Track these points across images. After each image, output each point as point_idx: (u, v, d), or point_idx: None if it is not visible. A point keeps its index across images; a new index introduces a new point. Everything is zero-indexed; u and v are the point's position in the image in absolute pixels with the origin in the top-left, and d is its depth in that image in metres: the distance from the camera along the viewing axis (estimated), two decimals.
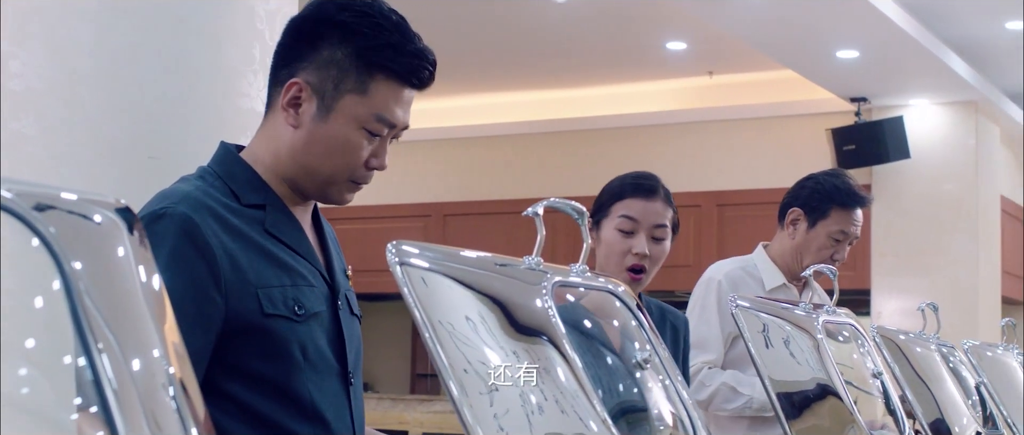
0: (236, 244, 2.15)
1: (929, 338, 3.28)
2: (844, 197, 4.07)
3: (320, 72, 2.20)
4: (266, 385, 2.15)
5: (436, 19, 8.69)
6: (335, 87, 2.19)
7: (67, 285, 1.02)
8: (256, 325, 2.14)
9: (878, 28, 8.19)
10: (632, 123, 10.88)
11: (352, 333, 2.32)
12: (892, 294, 9.95)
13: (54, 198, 1.07)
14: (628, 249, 3.23)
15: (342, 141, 2.20)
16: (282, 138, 2.25)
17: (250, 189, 2.24)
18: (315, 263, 2.28)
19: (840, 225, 4.04)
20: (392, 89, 2.20)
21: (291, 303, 2.17)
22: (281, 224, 2.24)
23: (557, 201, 1.64)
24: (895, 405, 2.69)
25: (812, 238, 4.06)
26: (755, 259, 4.14)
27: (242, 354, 2.14)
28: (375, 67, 2.18)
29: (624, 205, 3.27)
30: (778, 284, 4.05)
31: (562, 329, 1.56)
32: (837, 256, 4.04)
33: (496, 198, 11.26)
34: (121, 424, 0.99)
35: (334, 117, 2.20)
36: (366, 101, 2.19)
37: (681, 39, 9.47)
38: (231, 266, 2.12)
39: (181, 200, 2.14)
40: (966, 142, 9.97)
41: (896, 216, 10.05)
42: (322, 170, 2.23)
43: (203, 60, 3.05)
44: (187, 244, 2.09)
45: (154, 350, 1.09)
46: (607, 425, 1.52)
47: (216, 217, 2.15)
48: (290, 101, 2.22)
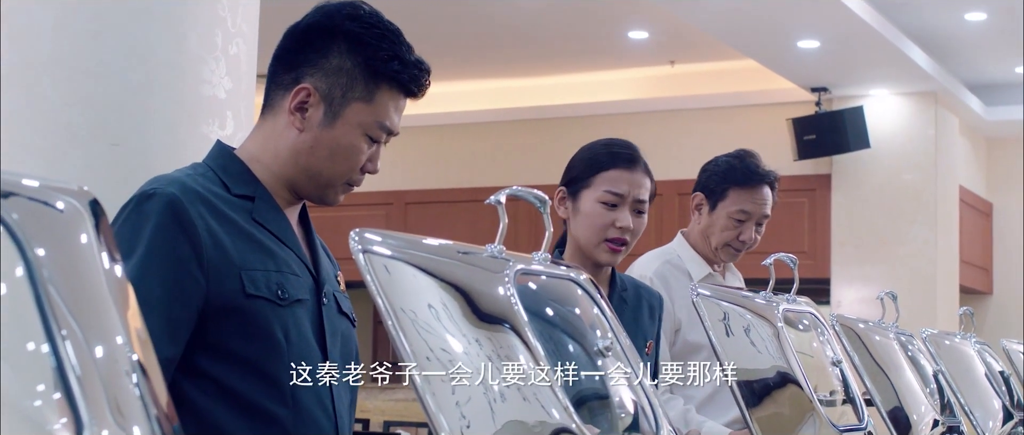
0: (222, 228, 2.21)
1: (888, 327, 3.30)
2: (740, 176, 3.99)
3: (329, 79, 2.29)
4: (246, 366, 2.19)
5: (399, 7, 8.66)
6: (343, 94, 2.28)
7: (30, 272, 1.02)
8: (237, 305, 2.19)
9: (839, 18, 8.23)
10: (595, 112, 10.89)
11: (336, 329, 2.35)
12: (852, 283, 10.01)
13: (16, 185, 1.07)
14: (611, 222, 3.14)
15: (347, 146, 2.30)
16: (284, 140, 2.32)
17: (241, 182, 2.31)
18: (300, 255, 2.33)
19: (739, 204, 3.96)
20: (394, 98, 2.32)
21: (274, 287, 2.23)
22: (268, 215, 2.30)
23: (520, 190, 1.65)
24: (854, 393, 2.71)
25: (715, 221, 3.99)
26: (677, 250, 4.08)
27: (223, 334, 2.19)
28: (382, 77, 2.29)
29: (609, 178, 3.19)
30: (704, 274, 4.01)
31: (524, 317, 1.56)
32: (743, 237, 3.95)
33: (458, 186, 11.27)
34: (84, 410, 0.99)
35: (341, 123, 2.29)
36: (371, 109, 2.29)
37: (643, 28, 9.49)
38: (214, 246, 2.18)
39: (170, 183, 2.21)
40: (926, 132, 10.03)
41: (856, 205, 10.10)
42: (324, 173, 2.31)
43: (165, 47, 3.04)
44: (172, 222, 2.15)
45: (117, 337, 1.09)
46: (569, 412, 1.53)
47: (204, 201, 2.21)
48: (297, 105, 2.30)
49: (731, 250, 3.99)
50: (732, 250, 3.99)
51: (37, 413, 0.98)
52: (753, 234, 3.98)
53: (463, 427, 1.41)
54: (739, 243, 3.97)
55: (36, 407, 0.98)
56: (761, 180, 4.00)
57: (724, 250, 3.99)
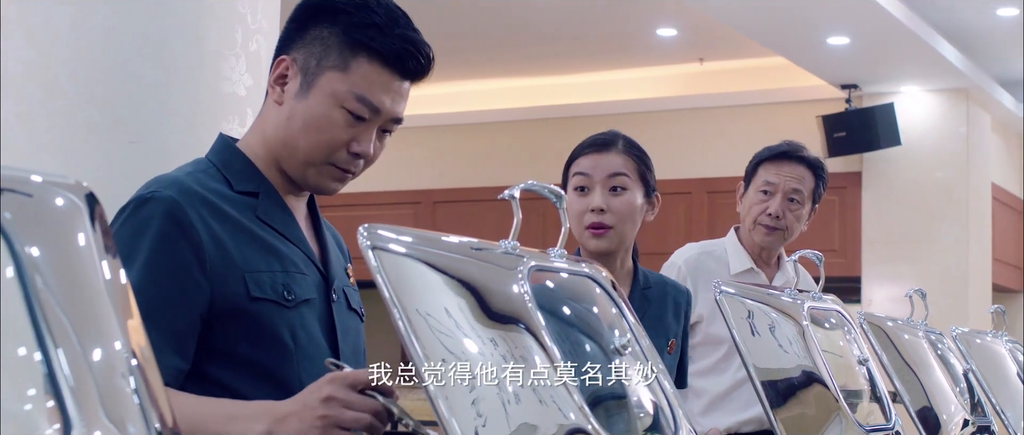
0: (224, 229, 2.14)
1: (917, 325, 3.26)
2: (765, 153, 4.02)
3: (306, 49, 2.20)
4: (254, 369, 2.14)
5: (426, 5, 8.65)
6: (318, 63, 2.18)
7: (21, 272, 0.98)
8: (242, 309, 2.12)
9: (869, 14, 8.17)
10: (623, 110, 10.84)
11: (347, 327, 2.29)
12: (883, 281, 9.94)
13: (13, 181, 1.04)
14: (586, 207, 3.06)
15: (318, 116, 2.17)
16: (268, 119, 2.25)
17: (244, 177, 2.23)
18: (307, 251, 2.26)
19: (765, 177, 3.97)
20: (376, 71, 2.18)
21: (280, 288, 2.16)
22: (273, 211, 2.23)
23: (534, 184, 1.61)
24: (881, 392, 2.66)
25: (747, 201, 4.01)
26: (725, 242, 4.08)
27: (229, 338, 2.13)
28: (358, 45, 2.17)
29: (577, 165, 3.13)
30: (745, 268, 3.98)
31: (539, 315, 1.53)
32: (771, 210, 3.93)
33: (486, 185, 11.23)
34: (76, 416, 0.95)
35: (313, 93, 2.18)
36: (346, 78, 2.17)
37: (672, 26, 9.44)
38: (217, 250, 2.11)
39: (169, 185, 2.13)
40: (957, 129, 9.96)
41: (887, 203, 10.03)
42: (299, 146, 2.20)
43: (184, 44, 3.02)
44: (171, 227, 2.08)
45: (114, 339, 1.06)
46: (584, 413, 1.49)
47: (205, 203, 2.14)
48: (277, 78, 2.22)
49: (762, 229, 3.96)
50: (763, 229, 3.96)
51: (27, 417, 0.95)
52: (781, 208, 3.94)
53: (478, 428, 1.38)
54: (768, 218, 3.93)
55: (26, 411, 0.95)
56: (787, 154, 3.99)
57: (756, 230, 3.96)
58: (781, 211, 3.93)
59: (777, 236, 3.97)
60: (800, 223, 3.99)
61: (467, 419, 1.37)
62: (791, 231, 3.98)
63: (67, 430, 0.95)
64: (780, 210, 3.93)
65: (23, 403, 0.95)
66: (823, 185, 4.05)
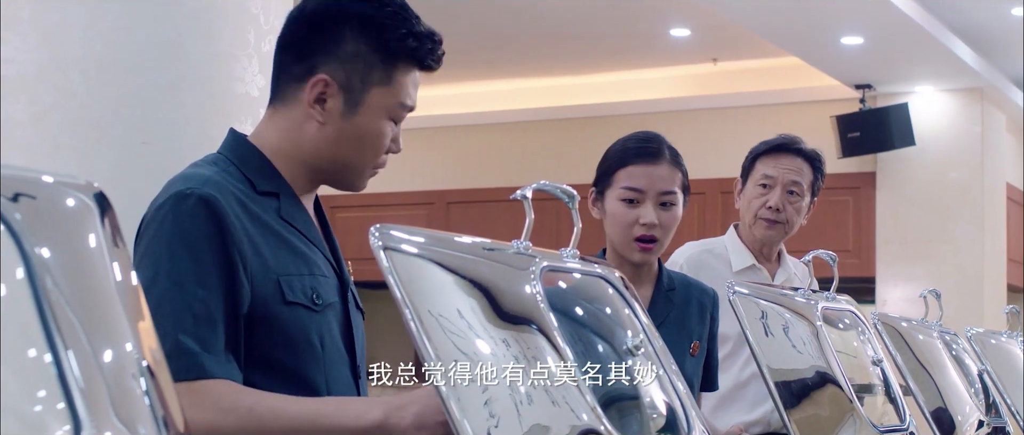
0: (256, 230, 2.14)
1: (931, 325, 3.25)
2: (761, 147, 3.99)
3: (345, 67, 2.20)
4: (285, 373, 2.13)
5: (440, 5, 8.64)
6: (362, 81, 2.20)
7: (31, 273, 0.98)
8: (275, 313, 2.12)
9: (883, 14, 8.14)
10: (637, 110, 10.83)
11: (359, 327, 2.31)
12: (897, 282, 9.91)
13: (24, 182, 1.04)
14: (635, 220, 3.02)
15: (374, 133, 2.23)
16: (305, 134, 2.24)
17: (264, 177, 2.22)
18: (326, 254, 2.27)
19: (763, 171, 3.94)
20: (412, 75, 2.24)
21: (309, 292, 2.17)
22: (294, 212, 2.24)
23: (547, 184, 1.61)
24: (896, 393, 2.65)
25: (746, 196, 3.99)
26: (725, 240, 4.06)
27: (265, 344, 2.12)
28: (398, 56, 2.21)
29: (627, 174, 3.06)
30: (746, 265, 3.96)
31: (551, 316, 1.52)
32: (771, 204, 3.89)
33: (500, 185, 11.22)
34: (86, 417, 0.95)
35: (363, 111, 2.22)
36: (392, 91, 2.22)
37: (685, 26, 9.43)
38: (253, 252, 2.11)
39: (204, 183, 2.12)
40: (971, 129, 9.93)
41: (901, 204, 10.01)
42: (353, 163, 2.25)
43: (197, 44, 3.02)
44: (213, 226, 2.07)
45: (124, 340, 1.06)
46: (597, 414, 1.49)
47: (238, 201, 2.14)
48: (317, 98, 2.21)
49: (763, 223, 3.93)
50: (764, 222, 3.93)
51: (37, 418, 0.95)
52: (781, 202, 3.90)
53: (490, 429, 1.38)
54: (769, 212, 3.90)
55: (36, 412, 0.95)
56: (784, 146, 3.97)
57: (757, 225, 3.94)
58: (781, 204, 3.90)
59: (778, 230, 3.93)
60: (800, 216, 3.96)
61: (479, 420, 1.37)
62: (791, 224, 3.95)
63: (77, 431, 0.95)
64: (780, 203, 3.90)
65: (33, 404, 0.95)
66: (821, 177, 4.02)
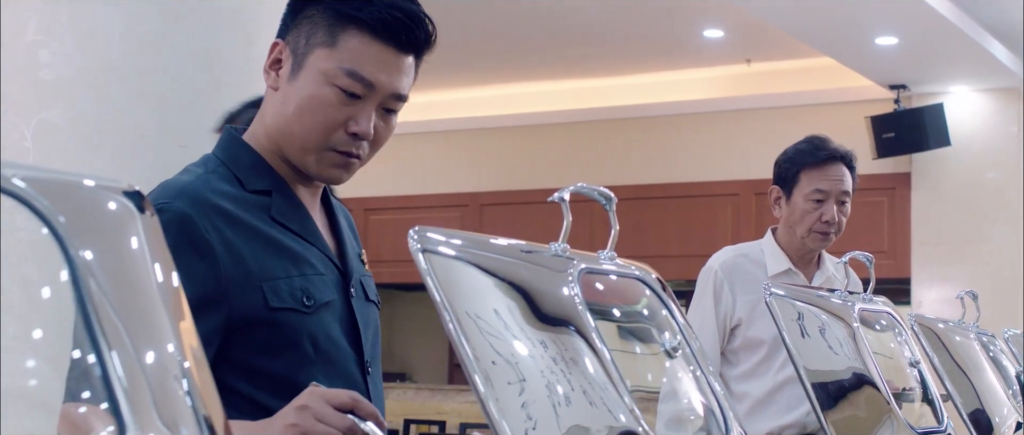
0: (238, 236, 2.08)
1: (968, 327, 3.23)
2: (806, 157, 3.98)
3: (297, 31, 2.13)
4: (274, 380, 2.08)
5: (473, 7, 8.67)
6: (306, 42, 2.11)
7: (75, 275, 0.99)
8: (262, 319, 2.07)
9: (917, 14, 8.11)
10: (670, 111, 10.83)
11: (368, 320, 2.25)
12: (933, 283, 9.87)
13: (66, 185, 1.05)
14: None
15: (309, 97, 2.09)
16: (267, 106, 2.18)
17: (255, 174, 2.16)
18: (324, 249, 2.20)
19: (813, 184, 3.93)
20: (365, 44, 2.09)
21: (299, 294, 2.10)
22: (287, 210, 2.17)
23: (585, 187, 1.61)
24: (933, 394, 2.65)
25: (793, 209, 3.97)
26: (762, 244, 4.06)
27: (248, 350, 2.07)
28: (344, 18, 2.08)
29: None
30: (782, 269, 3.97)
31: (589, 317, 1.52)
32: (826, 217, 3.92)
33: (533, 187, 11.23)
34: (130, 419, 0.96)
35: (304, 73, 2.10)
36: (334, 54, 2.08)
37: (719, 27, 9.42)
38: (232, 261, 2.05)
39: (177, 195, 2.06)
40: (1008, 129, 9.88)
41: (937, 204, 9.97)
42: (295, 132, 2.11)
43: (233, 50, 3.04)
44: (182, 241, 2.00)
45: (166, 342, 1.06)
46: (635, 415, 1.49)
47: (217, 210, 2.07)
48: (271, 64, 2.16)
49: (818, 235, 3.95)
50: (818, 235, 3.95)
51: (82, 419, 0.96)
52: (835, 214, 3.93)
53: (528, 430, 1.38)
54: (823, 226, 3.93)
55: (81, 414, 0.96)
56: (830, 156, 3.97)
57: (811, 237, 3.95)
58: (834, 216, 3.93)
59: (830, 239, 3.98)
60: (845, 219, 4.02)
61: (518, 422, 1.37)
62: (841, 230, 3.98)
63: (122, 432, 0.95)
64: (833, 216, 3.93)
65: (78, 406, 0.96)
66: (856, 177, 4.05)
